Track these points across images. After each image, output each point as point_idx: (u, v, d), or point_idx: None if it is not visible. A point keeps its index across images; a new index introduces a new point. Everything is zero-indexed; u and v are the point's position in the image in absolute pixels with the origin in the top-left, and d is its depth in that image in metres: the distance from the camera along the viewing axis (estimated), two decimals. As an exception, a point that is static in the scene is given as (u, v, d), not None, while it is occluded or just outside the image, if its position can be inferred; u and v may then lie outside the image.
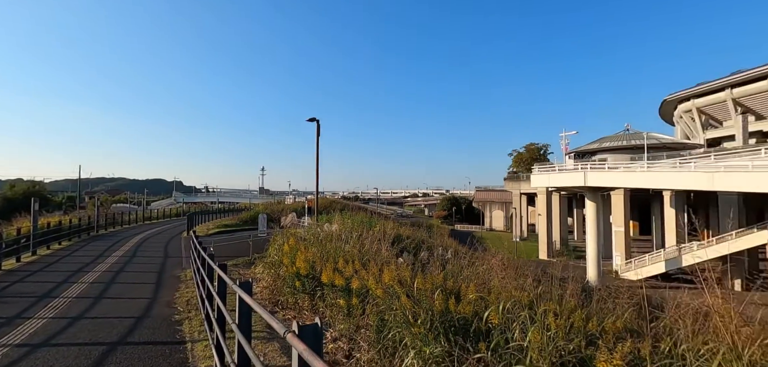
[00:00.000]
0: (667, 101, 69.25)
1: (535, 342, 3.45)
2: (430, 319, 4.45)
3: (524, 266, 8.81)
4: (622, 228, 35.28)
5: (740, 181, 23.63)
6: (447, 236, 22.06)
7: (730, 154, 35.71)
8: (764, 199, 31.96)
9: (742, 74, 56.59)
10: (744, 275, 29.17)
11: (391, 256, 8.36)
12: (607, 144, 47.12)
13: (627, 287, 7.92)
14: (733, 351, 2.63)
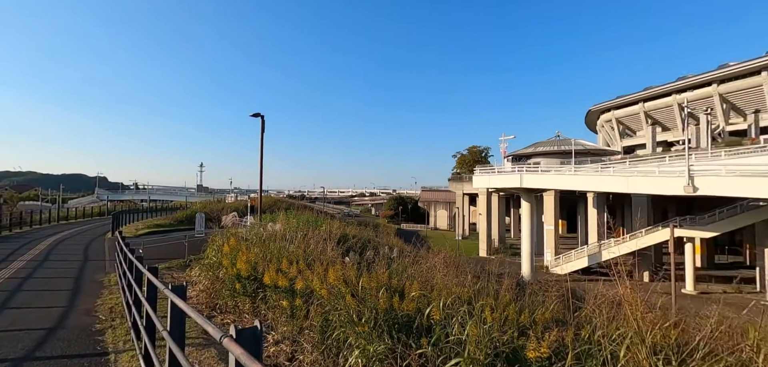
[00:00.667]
0: (591, 111, 76.43)
1: (473, 336, 3.63)
2: (375, 317, 4.50)
3: (465, 264, 9.20)
4: (553, 226, 38.27)
5: (649, 185, 26.69)
6: (393, 235, 22.40)
7: (642, 160, 40.33)
8: (668, 200, 36.47)
9: (652, 90, 64.01)
10: (651, 267, 33.10)
11: (336, 256, 8.30)
12: (541, 149, 50.83)
13: (555, 281, 8.58)
14: (638, 335, 2.97)
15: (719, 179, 23.22)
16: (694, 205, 35.02)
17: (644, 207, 36.00)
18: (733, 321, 4.12)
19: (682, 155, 26.56)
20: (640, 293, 5.83)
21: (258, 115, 20.74)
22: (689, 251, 30.67)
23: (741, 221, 29.44)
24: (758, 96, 50.66)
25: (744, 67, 52.14)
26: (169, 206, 59.12)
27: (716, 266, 38.76)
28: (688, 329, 3.89)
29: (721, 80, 54.32)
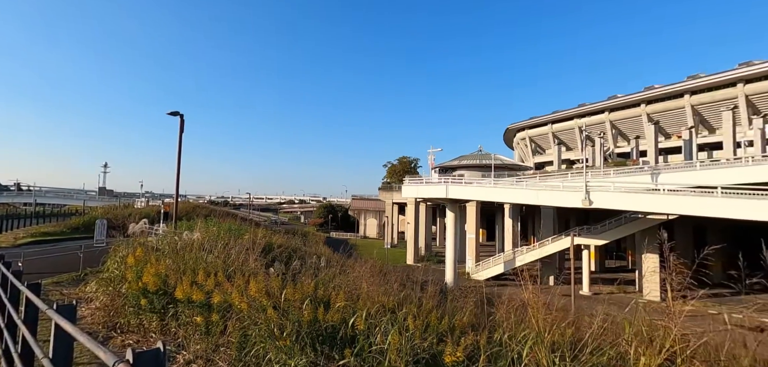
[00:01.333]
0: (509, 129, 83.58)
1: (394, 344, 3.71)
2: (298, 330, 4.37)
3: (392, 272, 9.38)
4: (474, 235, 40.86)
5: (554, 199, 29.86)
6: (322, 243, 22.04)
7: (550, 176, 45.04)
8: (570, 212, 41.11)
9: (558, 114, 71.88)
10: (555, 272, 36.97)
11: (260, 266, 7.92)
12: (465, 162, 54.13)
13: (474, 287, 9.14)
14: (540, 336, 3.30)
15: (608, 194, 26.87)
16: (590, 216, 39.99)
17: (551, 218, 40.17)
18: (615, 318, 4.77)
19: (581, 173, 30.26)
20: (544, 295, 6.47)
21: (176, 114, 19.09)
22: (586, 257, 34.89)
23: (625, 231, 34.31)
24: (638, 125, 59.86)
25: (628, 100, 61.27)
26: (63, 211, 51.42)
27: (606, 269, 44.62)
28: (580, 327, 4.42)
29: (610, 109, 63.16)
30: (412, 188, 39.37)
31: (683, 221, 32.68)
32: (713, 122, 52.85)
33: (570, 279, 28.67)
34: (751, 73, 48.61)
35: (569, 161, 67.06)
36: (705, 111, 53.43)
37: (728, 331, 5.44)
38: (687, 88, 54.62)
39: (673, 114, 56.26)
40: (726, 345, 3.41)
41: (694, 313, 9.25)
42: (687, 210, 25.07)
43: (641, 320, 3.62)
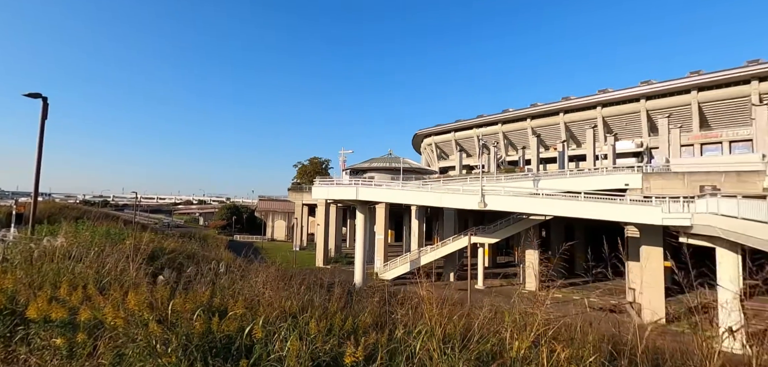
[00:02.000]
0: (417, 134, 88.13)
1: (294, 350, 3.61)
2: (186, 344, 3.97)
3: (298, 275, 9.14)
4: (383, 236, 42.08)
5: (455, 201, 32.34)
6: (224, 247, 20.47)
7: (452, 180, 48.63)
8: (468, 213, 44.89)
9: (461, 123, 78.03)
10: (455, 268, 40.09)
11: (143, 275, 7.03)
12: (375, 164, 55.46)
13: (381, 286, 9.38)
14: (432, 329, 3.53)
15: (500, 198, 30.09)
16: (485, 217, 44.26)
17: (452, 219, 43.44)
18: (499, 308, 5.35)
19: (478, 178, 33.36)
20: (442, 290, 6.94)
21: (37, 96, 15.90)
22: (481, 254, 38.53)
23: (513, 230, 38.77)
24: (525, 137, 68.26)
25: (517, 114, 69.46)
26: None
27: (497, 265, 49.90)
28: (471, 318, 4.84)
29: (503, 121, 70.93)
30: (323, 189, 38.99)
31: (557, 221, 38.16)
32: (580, 138, 62.85)
33: (468, 274, 31.31)
34: (606, 99, 59.09)
35: (469, 167, 73.39)
36: (574, 128, 63.24)
37: (586, 313, 6.55)
38: (561, 108, 64.01)
39: (552, 129, 65.45)
40: (578, 324, 4.06)
41: (562, 299, 10.84)
42: (559, 211, 29.35)
43: (518, 308, 4.12)
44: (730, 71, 49.45)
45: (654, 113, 54.90)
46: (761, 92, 46.62)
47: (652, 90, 55.11)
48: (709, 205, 21.07)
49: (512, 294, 7.40)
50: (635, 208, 25.32)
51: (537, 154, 65.46)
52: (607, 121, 59.26)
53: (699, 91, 51.34)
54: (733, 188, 26.56)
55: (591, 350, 3.42)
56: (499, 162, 68.57)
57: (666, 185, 30.04)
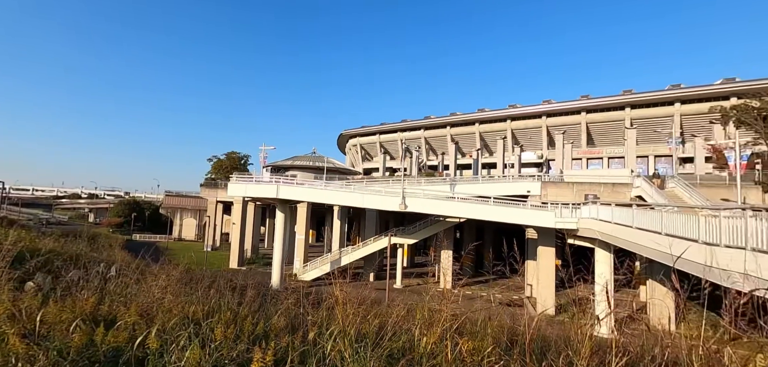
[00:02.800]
0: (342, 135, 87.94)
1: (194, 359, 3.32)
2: (59, 360, 3.41)
3: (208, 278, 8.48)
4: (303, 236, 41.12)
5: (377, 202, 32.95)
6: (119, 248, 18.14)
7: (375, 181, 49.42)
8: (390, 214, 46.01)
9: (385, 126, 79.73)
10: (375, 269, 40.80)
11: (6, 281, 5.89)
12: (299, 163, 54.02)
13: (297, 288, 9.12)
14: (344, 329, 3.53)
15: (419, 200, 31.42)
16: (406, 219, 45.82)
17: (374, 220, 44.16)
18: (414, 306, 5.55)
19: (400, 180, 34.40)
20: (362, 290, 6.99)
21: None
22: (400, 254, 39.77)
23: (431, 231, 40.73)
24: (444, 143, 72.29)
25: (438, 122, 73.27)
26: None
27: (415, 264, 52.01)
28: (385, 316, 4.95)
29: (425, 127, 74.31)
30: (241, 185, 36.77)
31: (469, 223, 41.03)
32: (492, 147, 68.52)
33: (388, 274, 32.07)
34: (515, 114, 65.37)
35: (392, 169, 75.37)
36: (487, 138, 68.74)
37: (491, 307, 7.14)
38: (477, 119, 69.10)
39: (468, 138, 70.31)
40: (480, 318, 4.41)
41: (471, 296, 11.57)
42: (471, 214, 31.64)
43: (427, 306, 4.33)
44: (611, 98, 58.28)
45: (552, 129, 62.21)
46: (632, 118, 55.70)
47: (551, 109, 62.44)
48: (591, 211, 24.51)
49: (428, 292, 7.78)
50: (535, 212, 28.38)
51: (455, 161, 69.80)
52: (515, 133, 65.58)
53: (587, 112, 59.53)
54: (609, 196, 31.30)
55: (490, 341, 3.72)
56: (421, 166, 71.64)
57: (559, 192, 34.23)
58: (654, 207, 18.33)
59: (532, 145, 65.05)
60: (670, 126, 52.02)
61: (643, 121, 54.76)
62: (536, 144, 64.50)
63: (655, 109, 54.72)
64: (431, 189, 36.92)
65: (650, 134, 53.68)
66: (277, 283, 30.01)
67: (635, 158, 53.61)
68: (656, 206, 18.57)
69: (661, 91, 55.21)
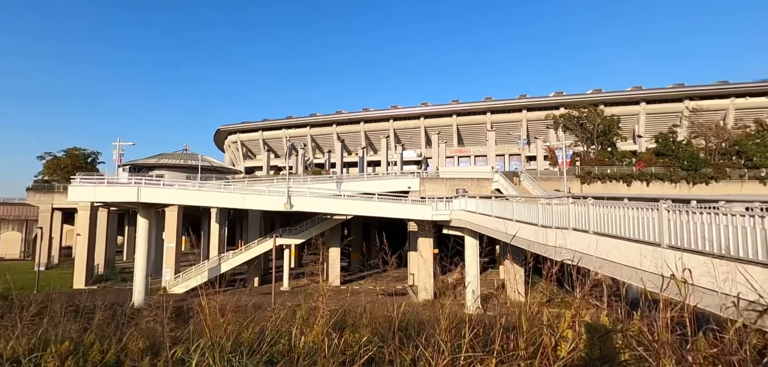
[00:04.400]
0: (220, 131, 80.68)
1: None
2: None
3: (39, 303, 6.84)
4: (174, 244, 36.51)
5: (261, 202, 31.29)
6: None
7: (258, 180, 46.75)
8: (275, 215, 44.13)
9: (269, 122, 76.05)
10: (260, 273, 38.71)
11: None
12: (166, 161, 47.63)
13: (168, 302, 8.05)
14: (216, 341, 3.27)
15: (306, 199, 30.91)
16: (292, 218, 44.53)
17: (258, 221, 41.76)
18: (296, 306, 5.43)
19: (285, 179, 33.24)
20: (246, 296, 6.53)
21: None
22: (287, 255, 38.49)
23: (318, 229, 40.40)
24: (331, 141, 72.50)
25: (324, 119, 73.08)
26: None
27: (303, 264, 51.02)
28: (266, 321, 4.73)
29: (311, 125, 73.31)
30: (88, 189, 30.52)
31: (357, 220, 42.07)
32: (376, 145, 71.42)
33: (276, 277, 30.72)
34: (396, 114, 69.41)
35: (277, 168, 72.34)
36: (372, 136, 71.38)
37: (377, 298, 7.45)
38: (362, 117, 71.14)
39: (354, 136, 71.86)
40: (358, 309, 4.57)
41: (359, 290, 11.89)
42: (358, 211, 32.50)
43: (306, 304, 4.29)
44: (475, 104, 66.53)
45: (429, 130, 67.99)
46: (492, 121, 64.55)
47: (428, 111, 68.19)
48: (460, 204, 27.62)
49: (317, 291, 7.70)
50: (414, 207, 30.65)
51: (341, 158, 70.63)
52: (397, 133, 69.62)
53: (458, 116, 66.76)
54: (475, 190, 35.73)
55: (368, 331, 3.89)
56: (307, 164, 70.47)
57: (436, 188, 37.67)
58: (508, 198, 21.65)
59: (412, 144, 70.00)
60: (519, 129, 62.02)
61: (500, 124, 64.02)
62: (416, 143, 69.65)
63: (509, 115, 64.52)
64: (318, 187, 36.65)
65: (505, 136, 63.09)
66: (141, 300, 26.02)
67: (495, 156, 62.37)
68: (510, 197, 21.97)
69: (513, 99, 65.36)
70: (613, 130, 48.31)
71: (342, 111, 73.64)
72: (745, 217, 6.13)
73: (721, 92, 55.63)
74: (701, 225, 6.88)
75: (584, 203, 11.25)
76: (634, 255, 8.38)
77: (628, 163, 43.98)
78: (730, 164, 42.26)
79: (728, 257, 5.96)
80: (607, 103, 54.81)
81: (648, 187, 39.60)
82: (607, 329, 3.42)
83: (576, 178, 40.00)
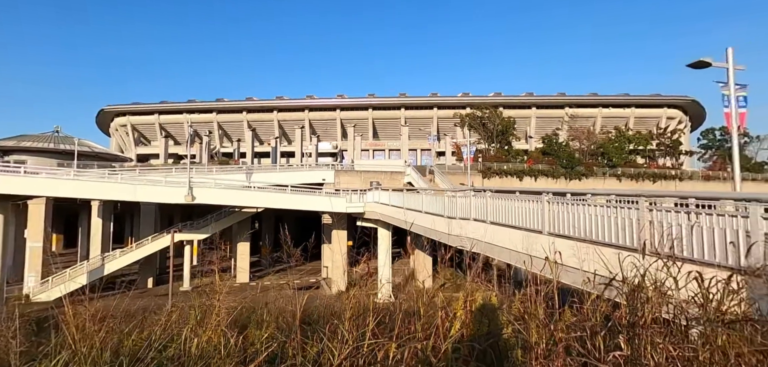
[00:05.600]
0: (104, 112, 70.00)
1: None
2: None
3: None
4: (41, 243, 30.75)
5: (156, 194, 28.06)
6: None
7: (154, 169, 41.80)
8: (174, 208, 40.00)
9: (168, 105, 68.50)
10: (156, 272, 34.77)
11: None
12: (29, 144, 39.93)
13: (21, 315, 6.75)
14: (77, 353, 2.83)
15: (210, 190, 28.57)
16: (195, 212, 40.80)
17: (152, 215, 37.37)
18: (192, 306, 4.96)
19: (186, 168, 30.26)
20: (139, 300, 5.76)
21: None
22: (188, 252, 35.19)
23: (226, 223, 37.71)
24: (241, 129, 68.00)
25: (233, 105, 68.23)
26: None
27: (209, 261, 47.14)
28: (154, 325, 4.24)
29: (218, 110, 67.80)
30: None
31: (268, 213, 40.28)
32: (291, 136, 69.07)
33: (174, 276, 27.88)
34: (312, 105, 67.96)
35: (177, 156, 65.44)
36: (286, 126, 68.83)
37: (289, 293, 7.19)
38: (275, 106, 68.13)
39: (266, 125, 68.46)
40: (260, 306, 4.38)
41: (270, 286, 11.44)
42: (270, 204, 31.14)
43: (198, 303, 3.97)
44: (390, 99, 68.37)
45: (345, 122, 67.93)
46: (406, 117, 67.04)
47: (344, 103, 68.03)
48: (374, 196, 28.22)
49: (222, 290, 7.12)
50: (329, 199, 30.42)
51: (252, 148, 66.75)
52: (312, 123, 68.16)
53: (373, 109, 67.84)
54: (389, 183, 36.79)
55: (272, 327, 3.74)
56: (213, 153, 65.12)
57: (351, 180, 37.86)
58: (419, 191, 22.77)
59: (328, 136, 69.20)
60: (430, 126, 65.48)
61: (414, 120, 66.80)
62: (332, 135, 69.02)
63: (422, 112, 67.67)
64: (225, 178, 34.13)
65: (418, 132, 66.05)
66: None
67: (408, 151, 64.96)
68: (420, 190, 23.13)
69: (426, 97, 68.70)
70: (509, 131, 53.95)
71: (253, 98, 69.50)
72: (600, 207, 7.38)
73: (593, 102, 65.77)
74: (570, 215, 8.07)
75: (483, 196, 12.36)
76: (522, 241, 9.48)
77: (520, 161, 49.60)
78: (596, 163, 50.32)
79: (589, 241, 7.11)
80: (505, 105, 60.80)
81: (536, 181, 45.14)
82: (494, 307, 3.80)
83: (478, 173, 43.77)
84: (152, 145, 69.66)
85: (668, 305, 2.64)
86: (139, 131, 69.56)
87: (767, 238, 4.59)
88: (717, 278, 2.63)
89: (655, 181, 47.77)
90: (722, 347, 2.19)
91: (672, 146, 55.75)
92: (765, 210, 4.95)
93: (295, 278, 10.05)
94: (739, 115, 12.28)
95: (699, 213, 5.67)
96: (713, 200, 7.68)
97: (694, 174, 51.27)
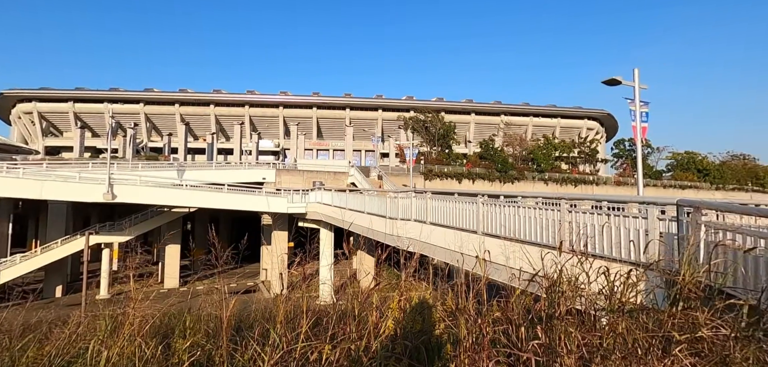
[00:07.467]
0: (4, 95, 60.94)
1: None
2: None
3: None
4: None
5: (68, 192, 25.06)
6: None
7: (67, 164, 37.19)
8: (91, 207, 36.00)
9: (85, 92, 61.64)
10: (66, 279, 30.95)
11: None
12: None
13: None
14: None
15: (135, 188, 26.13)
16: (116, 211, 37.01)
17: (63, 215, 33.26)
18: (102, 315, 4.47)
19: (106, 163, 27.34)
20: (40, 311, 5.06)
21: None
22: (106, 256, 31.79)
23: (152, 224, 34.70)
24: (172, 123, 63.04)
25: (164, 97, 63.12)
26: None
27: (132, 266, 43.00)
28: (55, 338, 3.75)
29: (147, 101, 62.26)
30: None
31: (202, 213, 37.82)
32: (229, 132, 65.52)
33: (88, 284, 25.03)
34: (253, 100, 65.09)
35: (96, 149, 58.96)
36: (224, 122, 65.20)
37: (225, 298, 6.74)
38: (212, 100, 64.26)
39: (202, 119, 64.26)
40: (193, 310, 4.11)
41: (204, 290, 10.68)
42: (204, 203, 29.25)
43: (110, 311, 3.61)
44: (335, 98, 67.72)
45: (288, 120, 65.98)
46: (351, 117, 66.83)
47: (288, 100, 66.06)
48: (317, 196, 27.74)
49: (148, 296, 6.50)
50: (269, 199, 29.33)
51: (185, 144, 62.17)
52: (253, 120, 65.26)
53: (318, 108, 66.72)
54: (332, 183, 36.40)
55: (201, 335, 3.50)
56: (140, 148, 59.60)
57: (293, 180, 36.84)
58: (362, 192, 22.79)
59: (269, 134, 66.72)
60: (375, 127, 65.92)
61: (358, 121, 66.80)
62: (274, 133, 66.66)
63: (366, 113, 67.91)
64: (154, 175, 31.36)
65: (362, 133, 66.18)
66: None
67: (352, 151, 64.79)
68: (363, 191, 23.17)
69: (371, 98, 69.03)
70: (450, 135, 56.14)
71: (187, 90, 64.84)
72: (528, 208, 7.96)
73: (525, 112, 70.78)
74: (501, 215, 8.59)
75: (424, 197, 12.70)
76: (459, 241, 9.90)
77: (460, 164, 51.85)
78: (527, 168, 54.22)
79: (517, 240, 7.63)
80: (447, 110, 63.15)
81: (474, 184, 47.48)
82: (429, 305, 3.91)
83: (421, 175, 44.97)
84: (65, 136, 62.04)
85: (581, 298, 2.91)
86: (49, 120, 61.61)
87: (662, 236, 5.26)
88: (620, 272, 2.95)
89: (576, 185, 52.63)
90: (622, 334, 2.45)
91: (590, 154, 61.84)
92: (661, 211, 5.67)
93: (232, 281, 9.52)
94: (642, 128, 13.95)
95: (609, 214, 6.34)
96: (623, 203, 8.65)
97: (608, 179, 57.42)
